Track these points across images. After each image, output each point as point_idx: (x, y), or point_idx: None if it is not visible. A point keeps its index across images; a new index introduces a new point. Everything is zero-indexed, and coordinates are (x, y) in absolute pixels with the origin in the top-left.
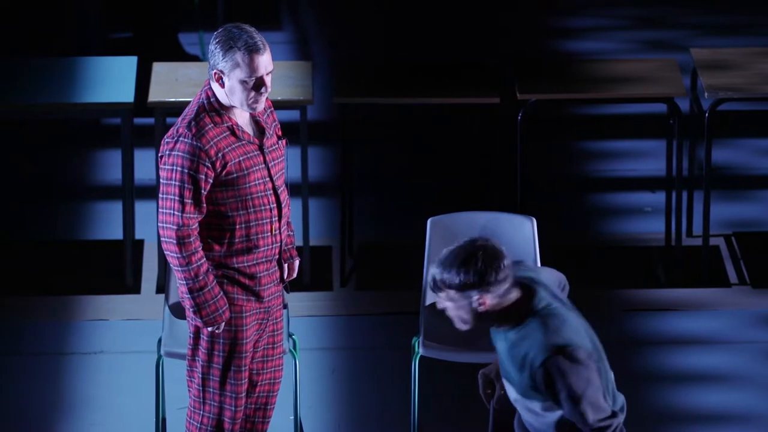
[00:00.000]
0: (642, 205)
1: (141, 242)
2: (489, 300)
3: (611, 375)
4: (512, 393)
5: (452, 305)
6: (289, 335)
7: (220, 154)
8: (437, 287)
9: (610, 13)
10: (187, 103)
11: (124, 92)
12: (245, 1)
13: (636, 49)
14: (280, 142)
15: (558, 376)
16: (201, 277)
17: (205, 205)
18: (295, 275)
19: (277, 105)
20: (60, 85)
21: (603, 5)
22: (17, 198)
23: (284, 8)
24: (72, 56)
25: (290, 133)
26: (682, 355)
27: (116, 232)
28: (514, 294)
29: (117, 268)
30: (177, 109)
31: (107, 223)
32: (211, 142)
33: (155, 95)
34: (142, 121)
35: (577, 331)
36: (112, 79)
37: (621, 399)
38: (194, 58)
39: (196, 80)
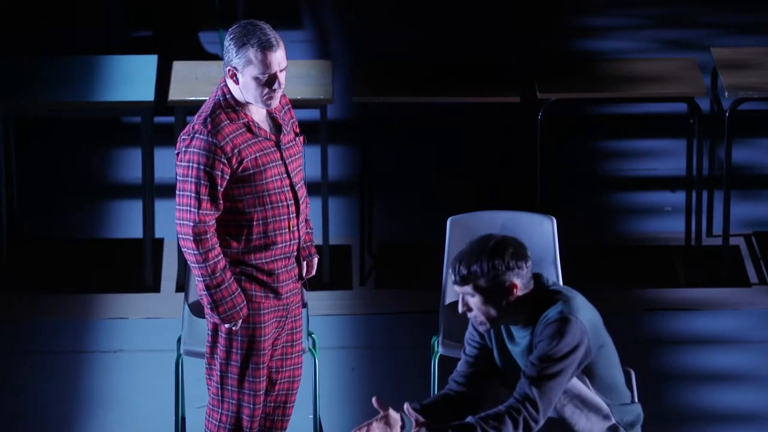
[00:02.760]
0: (662, 204)
1: (161, 241)
2: (519, 286)
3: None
4: None
5: (480, 300)
6: (309, 334)
7: (236, 150)
8: (466, 280)
9: (631, 13)
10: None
11: (145, 91)
12: (265, 0)
13: (656, 48)
14: (297, 138)
15: (560, 333)
16: (218, 274)
17: (221, 201)
18: (314, 273)
19: (297, 104)
20: (81, 83)
21: (623, 5)
22: (37, 196)
23: (304, 7)
24: (92, 55)
25: (310, 132)
26: (702, 354)
27: (136, 231)
28: (532, 284)
29: (136, 267)
30: (197, 107)
31: (127, 221)
32: (227, 138)
33: (175, 94)
34: (162, 120)
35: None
36: (132, 78)
37: (635, 410)
38: (214, 57)
39: (216, 79)
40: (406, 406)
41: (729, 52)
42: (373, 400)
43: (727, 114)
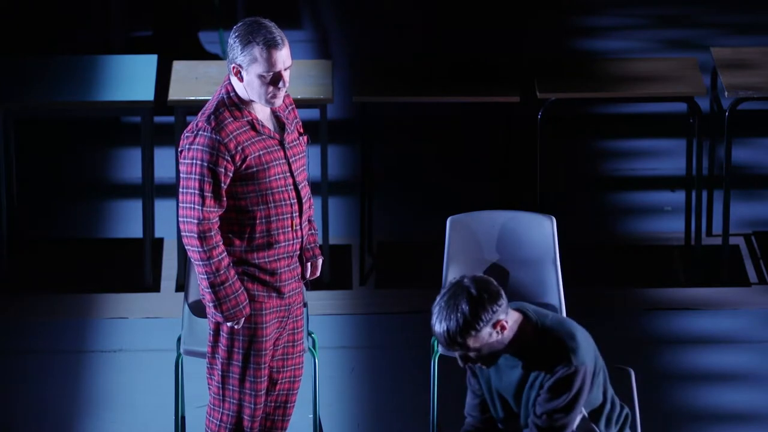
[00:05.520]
0: (662, 204)
1: (161, 240)
2: (506, 321)
3: (607, 388)
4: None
5: (477, 352)
6: (309, 334)
7: (239, 148)
8: (463, 346)
9: (631, 13)
10: (207, 101)
11: (145, 90)
12: (265, 0)
13: (656, 48)
14: (301, 138)
15: (570, 386)
16: (222, 272)
17: (225, 199)
18: (318, 274)
19: (297, 103)
20: (81, 83)
21: (623, 4)
22: (37, 196)
23: (304, 7)
24: (93, 54)
25: (310, 131)
26: (702, 354)
27: (136, 231)
28: (514, 315)
29: (136, 267)
30: (197, 107)
31: (127, 221)
32: (231, 136)
33: (175, 93)
34: (162, 120)
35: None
36: (132, 78)
37: (623, 412)
38: (214, 57)
39: (216, 78)
40: None
41: (729, 52)
42: None
43: (726, 114)
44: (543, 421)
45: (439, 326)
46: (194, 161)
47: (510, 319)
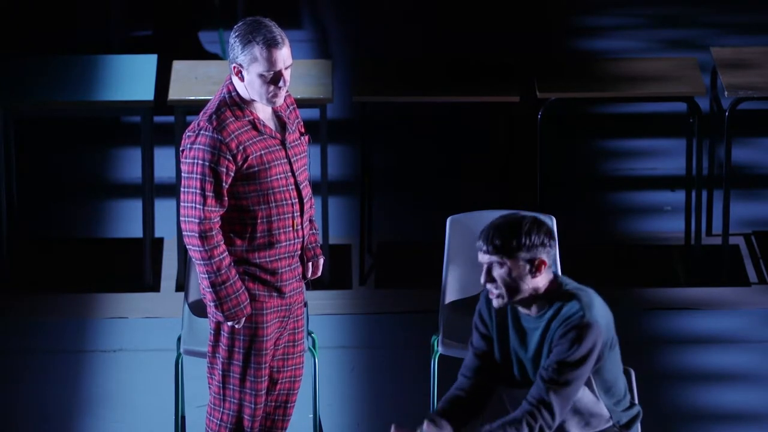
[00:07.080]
0: (662, 203)
1: (160, 240)
2: (548, 264)
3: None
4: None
5: (506, 271)
6: (309, 333)
7: (241, 147)
8: (499, 249)
9: (630, 12)
10: (207, 101)
11: (144, 90)
12: (265, 0)
13: (656, 48)
14: (302, 138)
15: (579, 338)
16: (223, 271)
17: (226, 198)
18: (319, 274)
19: (297, 103)
20: (80, 82)
21: (623, 4)
22: (37, 196)
23: (304, 6)
24: (92, 54)
25: (310, 131)
26: (702, 354)
27: (136, 230)
28: (551, 272)
29: (136, 266)
30: (196, 107)
31: (127, 221)
32: (232, 135)
33: (175, 93)
34: (162, 119)
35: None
36: (132, 77)
37: (635, 409)
38: (214, 57)
39: (216, 78)
40: (425, 425)
41: (729, 52)
42: (392, 428)
43: (726, 114)
44: (548, 372)
45: (492, 224)
46: (196, 161)
47: (546, 274)
